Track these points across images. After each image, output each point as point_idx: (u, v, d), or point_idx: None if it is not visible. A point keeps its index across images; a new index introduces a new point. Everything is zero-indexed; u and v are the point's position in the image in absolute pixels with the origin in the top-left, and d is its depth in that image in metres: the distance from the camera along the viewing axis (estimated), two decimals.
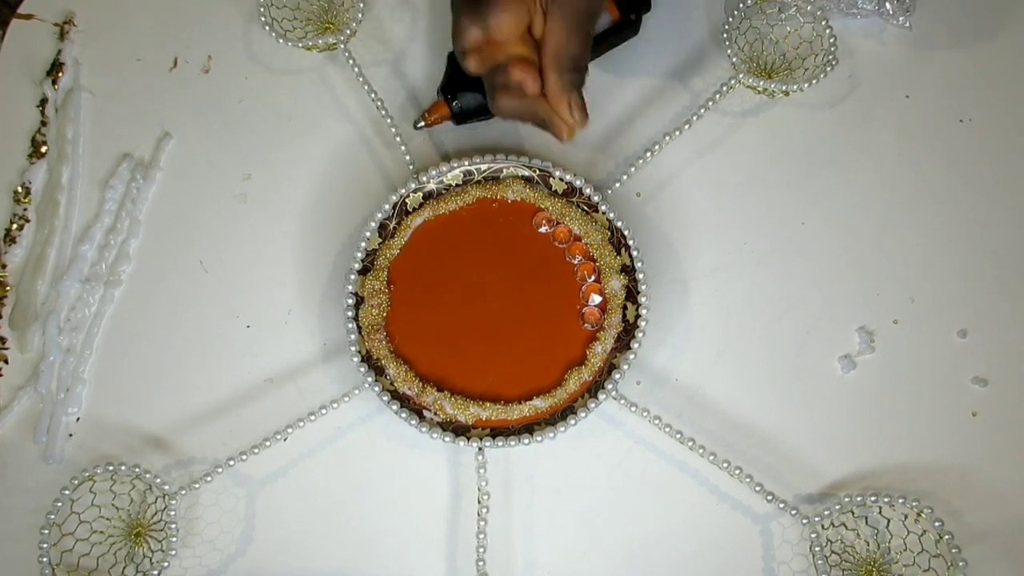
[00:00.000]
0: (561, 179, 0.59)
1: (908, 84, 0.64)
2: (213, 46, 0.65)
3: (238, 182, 0.63)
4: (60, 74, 0.65)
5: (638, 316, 0.56)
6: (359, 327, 0.57)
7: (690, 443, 0.54)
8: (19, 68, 0.65)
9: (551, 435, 0.55)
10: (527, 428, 0.56)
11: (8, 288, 0.61)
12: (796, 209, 0.62)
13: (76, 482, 0.55)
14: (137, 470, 0.55)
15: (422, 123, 0.62)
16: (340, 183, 0.63)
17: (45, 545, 0.54)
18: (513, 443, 0.54)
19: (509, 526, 0.56)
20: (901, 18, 0.64)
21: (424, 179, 0.59)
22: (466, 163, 0.59)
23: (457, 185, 0.60)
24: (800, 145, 0.63)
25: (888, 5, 0.64)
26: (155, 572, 0.53)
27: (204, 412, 0.59)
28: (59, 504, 0.54)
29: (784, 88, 0.61)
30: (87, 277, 0.61)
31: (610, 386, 0.55)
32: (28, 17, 0.66)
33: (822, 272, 0.60)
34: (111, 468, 0.55)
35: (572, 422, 0.55)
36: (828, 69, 0.62)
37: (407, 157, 0.60)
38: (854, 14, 0.64)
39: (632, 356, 0.56)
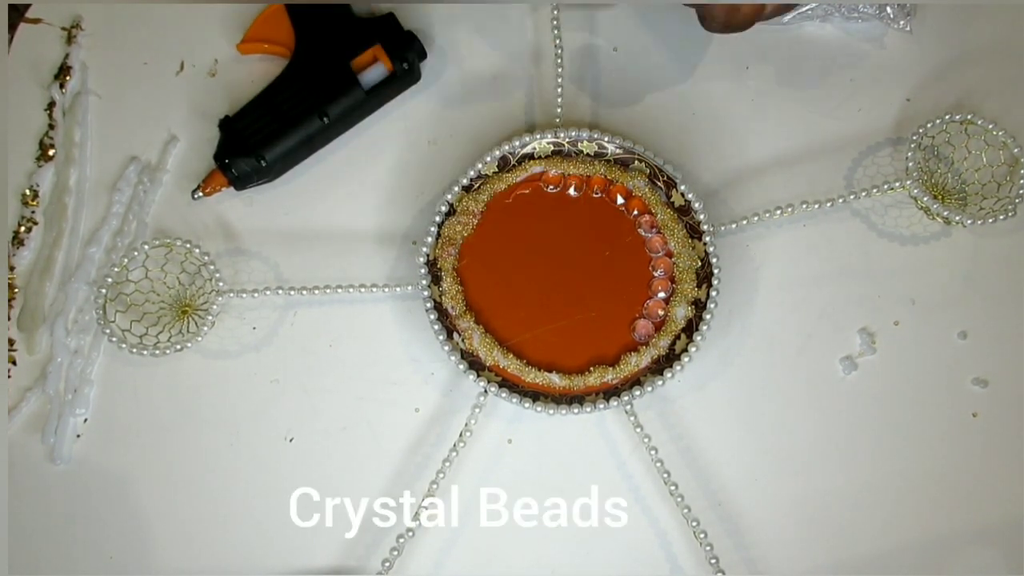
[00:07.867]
0: (684, 195, 0.59)
1: (909, 87, 0.65)
2: (219, 50, 0.66)
3: None
4: (67, 78, 0.65)
5: (685, 351, 0.56)
6: (439, 234, 0.59)
7: (672, 487, 0.55)
8: (27, 72, 0.65)
9: (551, 411, 0.55)
10: (533, 395, 0.56)
11: (16, 290, 0.61)
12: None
13: (157, 242, 0.59)
14: (197, 250, 0.59)
15: (200, 193, 0.61)
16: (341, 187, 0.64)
17: (109, 279, 0.58)
18: (516, 401, 0.55)
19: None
20: (902, 22, 0.64)
21: (562, 135, 0.60)
22: (606, 139, 0.60)
23: (587, 154, 0.60)
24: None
25: (889, 9, 0.64)
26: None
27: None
28: (135, 253, 0.59)
29: (958, 219, 0.58)
30: (94, 279, 0.61)
31: (626, 397, 0.56)
32: (36, 21, 0.67)
33: (824, 274, 0.61)
34: (179, 241, 0.59)
35: (576, 411, 0.55)
36: (1009, 214, 0.59)
37: (559, 109, 0.62)
38: (855, 18, 0.65)
39: (660, 383, 0.56)
